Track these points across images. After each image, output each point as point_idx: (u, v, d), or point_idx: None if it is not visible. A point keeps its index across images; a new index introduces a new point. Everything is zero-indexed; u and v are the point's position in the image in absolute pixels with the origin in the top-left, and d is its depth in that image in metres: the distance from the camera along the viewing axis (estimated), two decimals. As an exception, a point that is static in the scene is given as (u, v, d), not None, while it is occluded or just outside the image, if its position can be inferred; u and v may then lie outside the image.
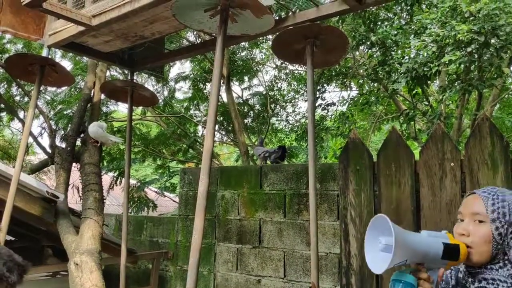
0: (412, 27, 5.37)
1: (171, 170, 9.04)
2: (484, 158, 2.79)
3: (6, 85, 7.68)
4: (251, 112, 9.36)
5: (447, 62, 4.36)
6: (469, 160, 2.84)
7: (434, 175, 2.94)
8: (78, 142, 4.57)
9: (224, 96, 7.96)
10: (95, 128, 4.26)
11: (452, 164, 2.88)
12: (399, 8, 6.13)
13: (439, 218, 2.86)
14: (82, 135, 4.52)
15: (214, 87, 2.47)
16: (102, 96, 4.85)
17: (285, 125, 9.73)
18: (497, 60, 4.56)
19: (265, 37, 7.50)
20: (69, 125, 5.18)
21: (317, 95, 7.27)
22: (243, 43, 8.05)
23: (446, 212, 2.84)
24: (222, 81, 7.02)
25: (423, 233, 1.34)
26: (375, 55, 6.26)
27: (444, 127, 3.08)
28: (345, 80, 7.59)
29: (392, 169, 3.09)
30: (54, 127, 6.77)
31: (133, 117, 5.71)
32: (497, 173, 2.74)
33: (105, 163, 7.72)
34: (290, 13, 3.18)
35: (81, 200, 4.23)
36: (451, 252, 1.31)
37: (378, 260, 1.29)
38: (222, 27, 2.49)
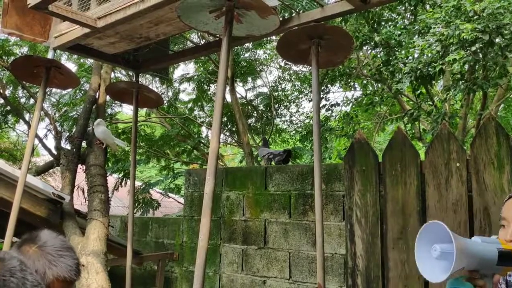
0: (416, 27, 5.36)
1: (175, 172, 9.06)
2: (490, 158, 2.78)
3: (12, 88, 7.72)
4: (255, 112, 9.37)
5: (451, 61, 4.35)
6: (475, 160, 2.83)
7: (440, 175, 2.93)
8: (84, 144, 4.59)
9: (228, 97, 7.97)
10: (101, 130, 4.27)
11: (458, 164, 2.87)
12: (403, 8, 6.12)
13: (445, 218, 2.85)
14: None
15: (220, 88, 2.47)
16: (107, 98, 4.87)
17: (289, 125, 9.73)
18: (502, 59, 4.54)
19: (269, 38, 7.51)
20: (75, 127, 5.20)
21: (321, 96, 7.26)
22: (247, 44, 8.06)
23: (452, 212, 2.83)
24: (226, 81, 7.02)
25: (477, 239, 1.32)
26: (378, 55, 6.24)
27: (449, 127, 3.07)
28: (349, 80, 7.58)
29: (398, 169, 3.09)
30: (59, 129, 6.81)
31: (138, 119, 5.72)
32: (503, 173, 2.73)
33: (110, 165, 7.74)
34: (295, 14, 3.19)
35: (87, 202, 4.25)
36: (505, 257, 1.30)
37: (434, 268, 1.27)
38: (227, 28, 2.49)
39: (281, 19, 3.15)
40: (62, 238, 1.57)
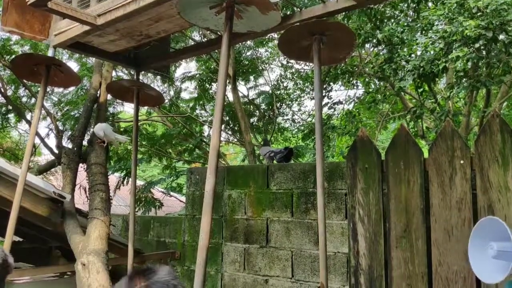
0: (419, 24, 5.32)
1: (177, 170, 9.04)
2: (495, 155, 2.74)
3: (13, 87, 7.71)
4: (257, 111, 9.34)
5: (454, 59, 4.31)
6: (479, 157, 2.79)
7: (443, 173, 2.89)
8: (85, 143, 4.57)
9: (230, 96, 7.94)
10: (101, 128, 4.25)
11: (462, 161, 2.84)
12: (406, 5, 6.08)
13: (449, 216, 2.82)
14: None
15: (220, 83, 2.45)
16: (109, 96, 4.85)
17: (291, 124, 9.71)
18: (506, 56, 4.50)
19: (271, 36, 7.48)
20: (76, 126, 5.18)
21: (324, 94, 7.22)
22: (248, 42, 8.03)
23: (457, 210, 2.80)
24: (228, 80, 7.01)
25: None
26: (381, 53, 6.21)
27: (453, 124, 3.04)
28: (351, 78, 7.54)
29: (401, 167, 3.05)
30: (60, 128, 6.79)
31: (140, 117, 5.70)
32: (507, 170, 2.69)
33: (111, 163, 7.73)
34: (296, 10, 3.16)
35: (88, 201, 4.23)
36: None
37: (489, 267, 1.18)
38: (228, 24, 2.47)
39: (282, 15, 3.12)
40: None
